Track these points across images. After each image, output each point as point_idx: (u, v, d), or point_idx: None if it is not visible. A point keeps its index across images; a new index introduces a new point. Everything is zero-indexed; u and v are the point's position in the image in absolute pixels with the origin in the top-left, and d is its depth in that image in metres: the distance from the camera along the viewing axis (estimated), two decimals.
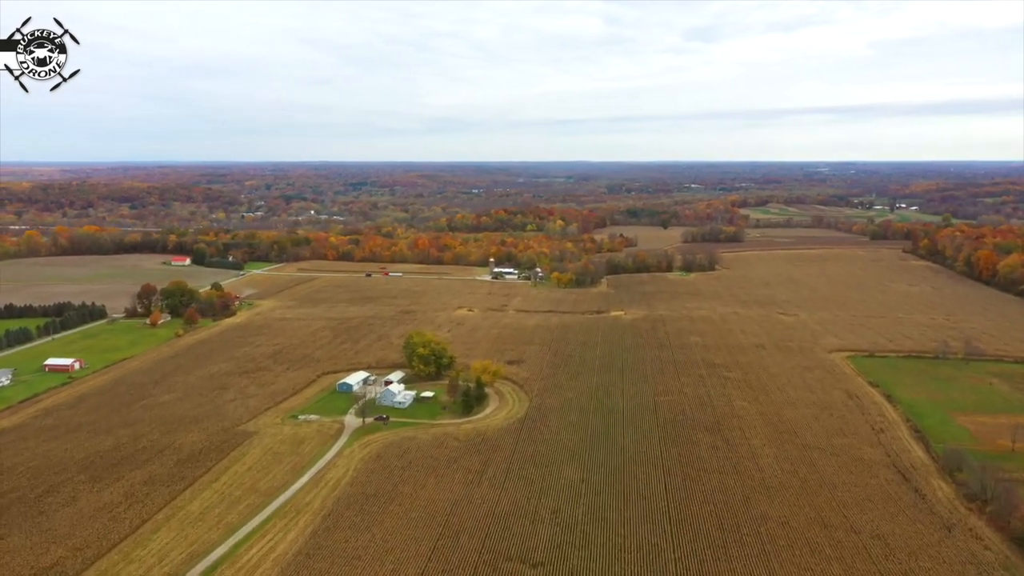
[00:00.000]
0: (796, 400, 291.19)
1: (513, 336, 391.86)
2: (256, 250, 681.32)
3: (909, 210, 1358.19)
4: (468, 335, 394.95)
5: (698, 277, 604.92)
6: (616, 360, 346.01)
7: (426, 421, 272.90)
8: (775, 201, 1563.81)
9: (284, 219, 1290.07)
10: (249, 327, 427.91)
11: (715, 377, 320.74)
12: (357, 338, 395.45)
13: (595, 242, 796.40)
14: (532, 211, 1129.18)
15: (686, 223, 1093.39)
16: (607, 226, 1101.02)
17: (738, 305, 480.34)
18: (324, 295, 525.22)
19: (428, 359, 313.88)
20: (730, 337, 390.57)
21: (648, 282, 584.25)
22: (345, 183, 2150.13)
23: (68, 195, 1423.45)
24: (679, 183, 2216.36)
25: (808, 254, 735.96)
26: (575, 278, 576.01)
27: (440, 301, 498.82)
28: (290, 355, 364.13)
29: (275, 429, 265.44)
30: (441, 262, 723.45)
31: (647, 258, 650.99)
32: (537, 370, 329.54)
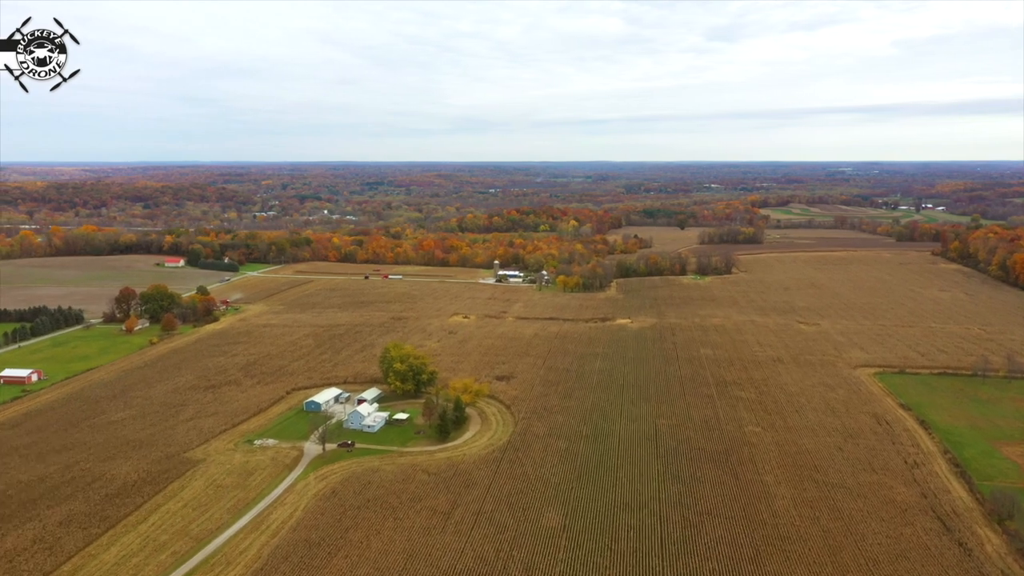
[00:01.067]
0: (817, 425, 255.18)
1: (507, 347, 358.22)
2: (254, 251, 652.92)
3: (936, 210, 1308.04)
4: (458, 346, 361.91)
5: (713, 281, 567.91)
6: (616, 376, 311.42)
7: (396, 448, 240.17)
8: (796, 201, 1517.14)
9: (296, 219, 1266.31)
10: (228, 334, 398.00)
11: (726, 397, 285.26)
12: (340, 348, 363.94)
13: (607, 243, 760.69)
14: (545, 211, 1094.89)
15: (704, 224, 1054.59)
16: (622, 227, 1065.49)
17: (755, 312, 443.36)
18: (315, 299, 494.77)
19: (405, 375, 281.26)
20: (744, 349, 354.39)
21: (660, 286, 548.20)
22: (362, 183, 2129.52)
23: (82, 195, 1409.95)
24: (699, 183, 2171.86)
25: (830, 256, 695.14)
26: (582, 282, 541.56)
27: (436, 307, 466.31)
28: (263, 367, 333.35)
29: (225, 457, 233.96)
30: (446, 264, 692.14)
31: (659, 261, 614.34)
32: (528, 387, 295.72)
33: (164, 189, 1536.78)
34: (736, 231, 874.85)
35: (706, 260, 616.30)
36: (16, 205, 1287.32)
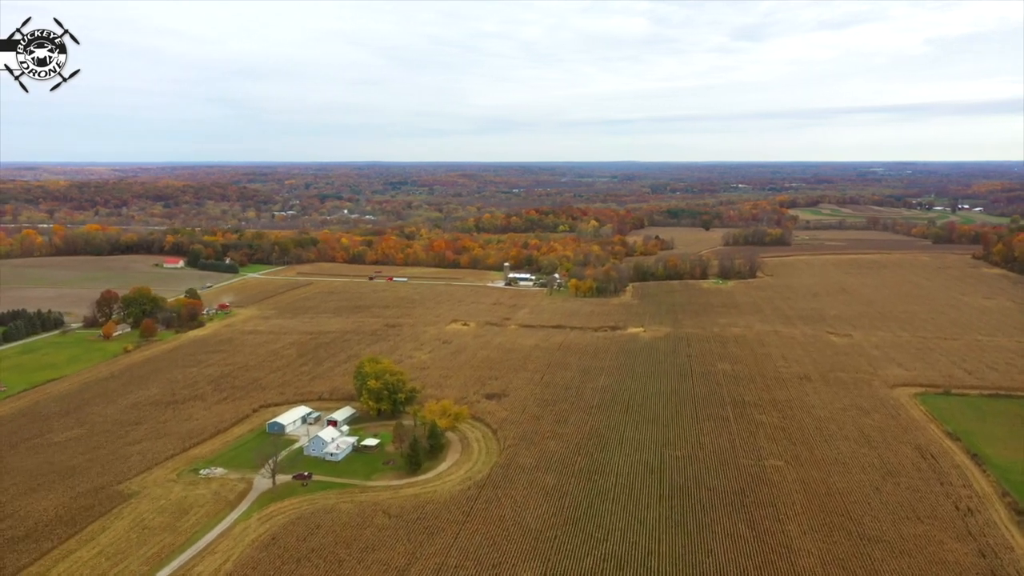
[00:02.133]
0: (849, 459, 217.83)
1: (503, 360, 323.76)
2: (257, 252, 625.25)
3: (973, 211, 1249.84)
4: (450, 358, 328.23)
5: (736, 286, 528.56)
6: (621, 394, 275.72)
7: (358, 482, 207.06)
8: (827, 201, 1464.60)
9: (314, 218, 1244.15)
10: (209, 341, 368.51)
11: (744, 421, 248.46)
12: (323, 358, 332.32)
13: (626, 245, 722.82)
14: (565, 211, 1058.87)
15: (729, 224, 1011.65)
16: (645, 227, 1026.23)
17: (780, 321, 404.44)
18: (310, 304, 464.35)
19: (380, 394, 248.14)
20: (767, 364, 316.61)
21: (678, 291, 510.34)
22: (385, 182, 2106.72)
23: (103, 193, 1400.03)
24: (726, 183, 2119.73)
25: (863, 259, 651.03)
26: (595, 286, 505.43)
27: (435, 313, 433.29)
28: (236, 380, 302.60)
29: (162, 490, 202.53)
30: (457, 266, 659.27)
31: (679, 263, 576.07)
32: (520, 408, 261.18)
33: (185, 188, 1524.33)
34: (762, 232, 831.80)
35: (729, 263, 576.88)
36: (38, 204, 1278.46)
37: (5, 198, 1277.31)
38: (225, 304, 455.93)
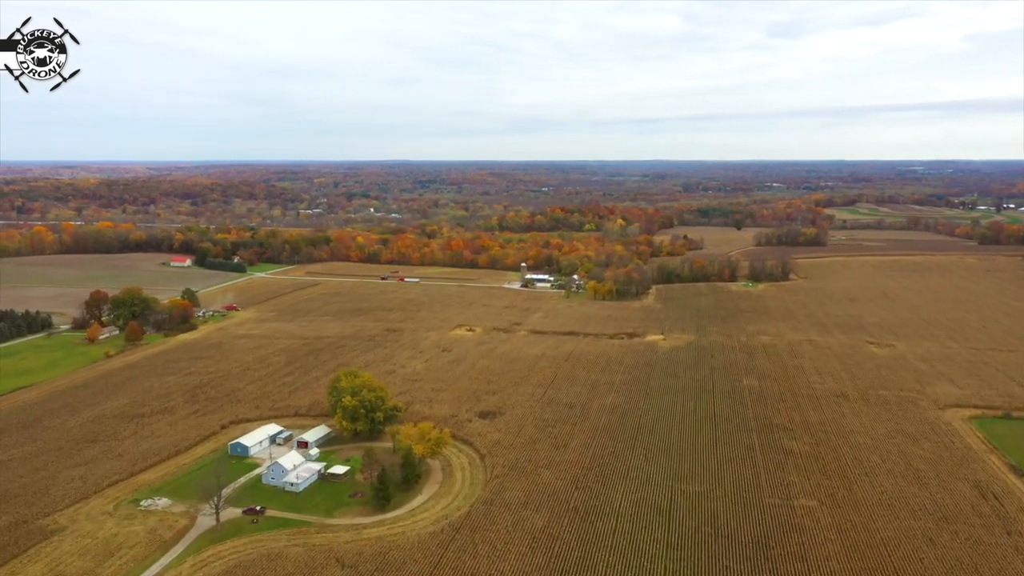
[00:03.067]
0: (896, 499, 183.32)
1: (504, 371, 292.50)
2: (267, 251, 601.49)
3: (1019, 211, 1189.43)
4: (447, 368, 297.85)
5: (767, 289, 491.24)
6: (632, 415, 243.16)
7: (318, 519, 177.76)
8: (864, 200, 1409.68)
9: (340, 216, 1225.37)
10: (197, 346, 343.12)
11: (772, 449, 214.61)
12: (311, 367, 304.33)
13: (651, 244, 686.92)
14: (591, 209, 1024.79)
15: (762, 224, 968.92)
16: (674, 226, 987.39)
17: (814, 329, 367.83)
18: (312, 305, 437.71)
19: (356, 412, 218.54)
20: (799, 379, 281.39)
21: (704, 294, 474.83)
22: (414, 181, 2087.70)
23: (132, 191, 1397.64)
24: (760, 182, 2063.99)
25: (904, 261, 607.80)
26: (615, 288, 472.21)
27: (442, 316, 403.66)
28: (213, 390, 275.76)
29: (93, 525, 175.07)
30: (475, 265, 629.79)
31: (705, 265, 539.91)
32: (515, 429, 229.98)
33: (213, 186, 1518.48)
34: (796, 232, 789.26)
35: (760, 264, 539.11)
36: (67, 201, 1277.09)
37: (35, 196, 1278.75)
38: (232, 305, 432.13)
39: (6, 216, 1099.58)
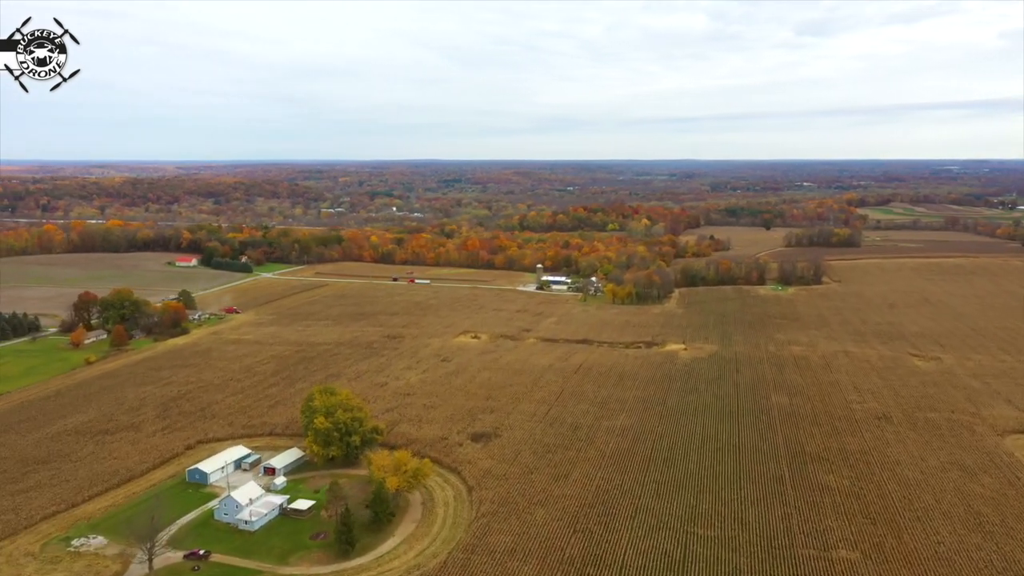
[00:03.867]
0: (955, 552, 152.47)
1: (506, 385, 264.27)
2: (276, 250, 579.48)
3: None
4: (443, 381, 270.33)
5: (797, 293, 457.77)
6: (645, 439, 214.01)
7: (269, 568, 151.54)
8: (899, 200, 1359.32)
9: (361, 215, 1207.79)
10: (184, 353, 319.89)
11: (805, 484, 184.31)
12: (298, 377, 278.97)
13: (676, 245, 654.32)
14: (615, 209, 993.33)
15: (792, 224, 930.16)
16: (700, 226, 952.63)
17: (850, 338, 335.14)
18: (314, 308, 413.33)
19: (329, 436, 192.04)
20: (835, 397, 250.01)
21: (730, 298, 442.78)
22: (439, 180, 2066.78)
23: (156, 190, 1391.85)
24: (790, 181, 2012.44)
25: (945, 264, 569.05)
26: (635, 291, 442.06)
27: (447, 321, 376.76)
28: (190, 403, 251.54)
29: (11, 571, 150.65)
30: (492, 266, 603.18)
31: (732, 267, 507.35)
32: (511, 455, 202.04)
33: (236, 185, 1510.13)
34: (828, 232, 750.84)
35: (790, 266, 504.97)
36: (91, 200, 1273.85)
37: (60, 194, 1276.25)
38: (231, 308, 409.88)
39: (31, 214, 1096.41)
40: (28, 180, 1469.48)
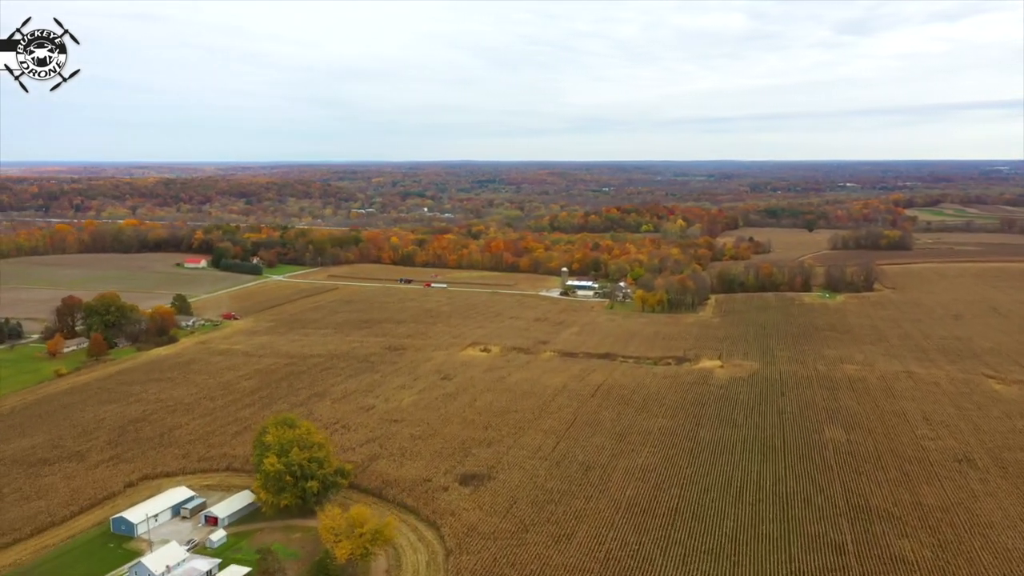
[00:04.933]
0: None
1: (510, 410, 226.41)
2: (290, 251, 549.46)
3: None
4: (439, 404, 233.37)
5: (847, 301, 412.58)
6: (669, 485, 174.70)
7: None
8: (948, 201, 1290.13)
9: (391, 215, 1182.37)
10: (164, 365, 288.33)
11: (872, 554, 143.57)
12: (279, 396, 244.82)
13: (712, 248, 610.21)
14: (650, 209, 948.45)
15: (837, 225, 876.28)
16: (739, 227, 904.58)
17: (912, 356, 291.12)
18: (318, 315, 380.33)
19: (281, 480, 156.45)
20: (902, 432, 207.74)
21: (772, 307, 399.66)
22: (472, 180, 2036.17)
23: (188, 190, 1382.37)
24: (832, 182, 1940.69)
25: (1010, 269, 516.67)
26: (667, 298, 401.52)
27: (457, 331, 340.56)
28: (151, 426, 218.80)
29: None
30: (516, 269, 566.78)
31: (774, 272, 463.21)
32: (505, 505, 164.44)
33: (269, 185, 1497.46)
34: (877, 234, 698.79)
35: (838, 272, 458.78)
36: (124, 200, 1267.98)
37: (94, 194, 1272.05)
38: (229, 313, 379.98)
39: (63, 214, 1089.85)
40: (66, 180, 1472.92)
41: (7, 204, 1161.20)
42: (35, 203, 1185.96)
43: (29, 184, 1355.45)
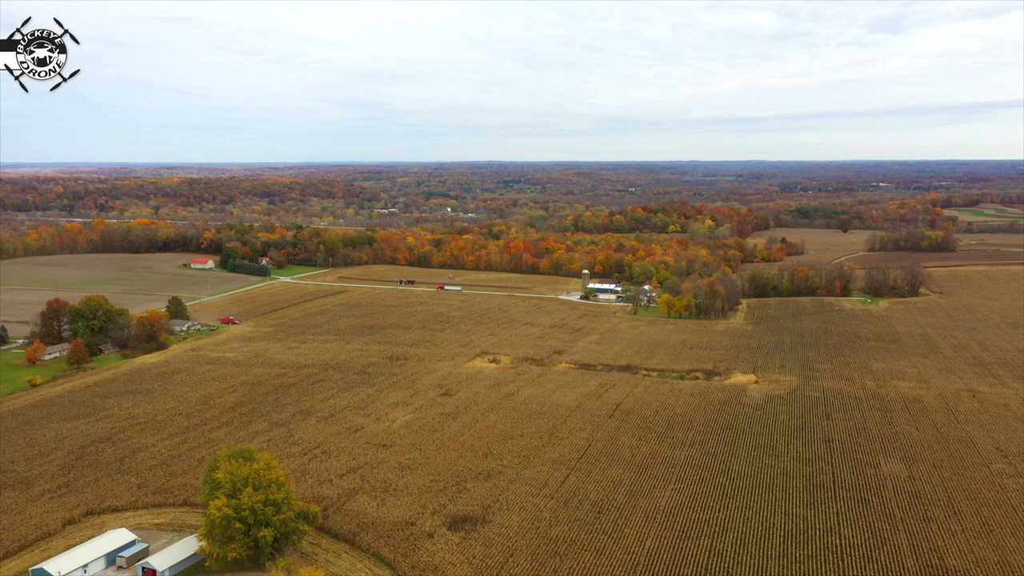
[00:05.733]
0: None
1: (515, 434, 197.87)
2: (300, 252, 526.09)
3: None
4: (436, 425, 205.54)
5: (891, 307, 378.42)
6: (698, 533, 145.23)
7: None
8: (989, 201, 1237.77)
9: (413, 215, 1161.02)
10: (147, 375, 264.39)
11: None
12: (261, 413, 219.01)
13: (743, 249, 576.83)
14: (677, 209, 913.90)
15: (873, 226, 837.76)
16: (769, 228, 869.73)
17: (972, 371, 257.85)
18: (319, 320, 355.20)
19: (228, 528, 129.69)
20: (972, 467, 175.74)
21: (810, 313, 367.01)
22: (498, 181, 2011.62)
23: (212, 190, 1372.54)
24: (864, 182, 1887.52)
25: None
26: (695, 303, 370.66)
27: (466, 338, 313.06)
28: (113, 447, 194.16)
29: None
30: (536, 271, 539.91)
31: (810, 275, 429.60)
32: (498, 559, 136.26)
33: (292, 185, 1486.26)
34: (918, 235, 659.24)
35: (880, 275, 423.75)
36: (148, 200, 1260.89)
37: (118, 194, 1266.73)
38: (228, 318, 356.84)
39: (87, 213, 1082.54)
40: (93, 181, 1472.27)
41: (32, 204, 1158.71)
42: (60, 203, 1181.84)
43: (55, 184, 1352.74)
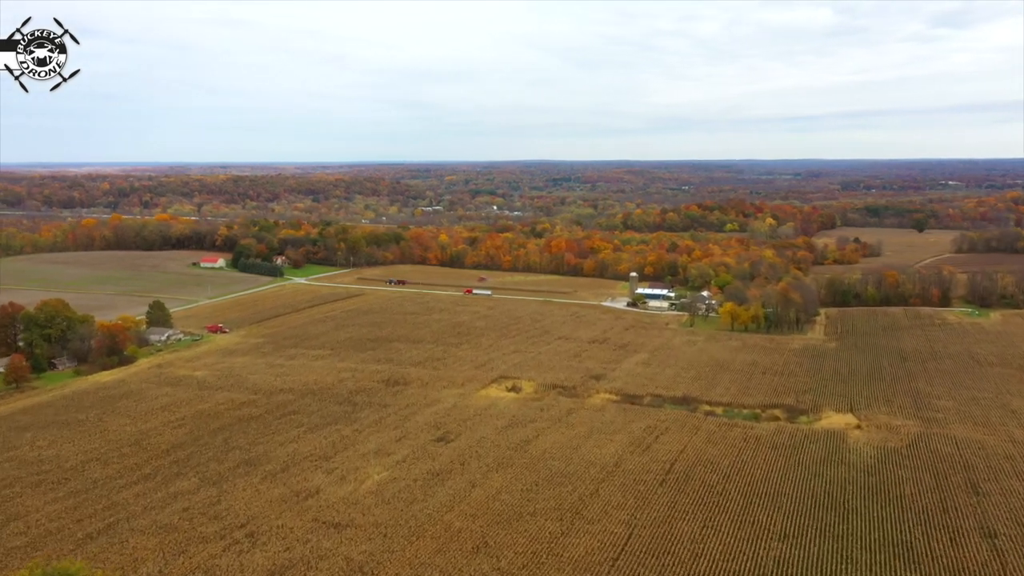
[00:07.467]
0: None
1: (524, 512, 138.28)
2: (320, 250, 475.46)
3: None
4: (419, 492, 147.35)
5: (1008, 321, 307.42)
6: None
7: None
8: None
9: (457, 213, 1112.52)
10: (91, 398, 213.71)
11: None
12: (198, 462, 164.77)
13: (813, 250, 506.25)
14: (734, 206, 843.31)
15: (951, 225, 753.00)
16: (836, 227, 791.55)
17: None
18: (319, 330, 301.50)
19: None
20: None
21: (905, 327, 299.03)
22: (547, 179, 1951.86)
23: (256, 187, 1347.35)
24: (931, 180, 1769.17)
25: None
26: (764, 314, 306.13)
27: (486, 355, 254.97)
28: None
29: None
30: (579, 272, 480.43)
31: (900, 279, 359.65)
32: None
33: (337, 183, 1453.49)
34: (1013, 235, 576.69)
35: (987, 281, 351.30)
36: (192, 197, 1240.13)
37: (163, 191, 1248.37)
38: (218, 326, 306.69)
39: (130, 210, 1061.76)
40: (142, 178, 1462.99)
41: (78, 201, 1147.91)
42: (105, 200, 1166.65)
43: (102, 181, 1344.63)
